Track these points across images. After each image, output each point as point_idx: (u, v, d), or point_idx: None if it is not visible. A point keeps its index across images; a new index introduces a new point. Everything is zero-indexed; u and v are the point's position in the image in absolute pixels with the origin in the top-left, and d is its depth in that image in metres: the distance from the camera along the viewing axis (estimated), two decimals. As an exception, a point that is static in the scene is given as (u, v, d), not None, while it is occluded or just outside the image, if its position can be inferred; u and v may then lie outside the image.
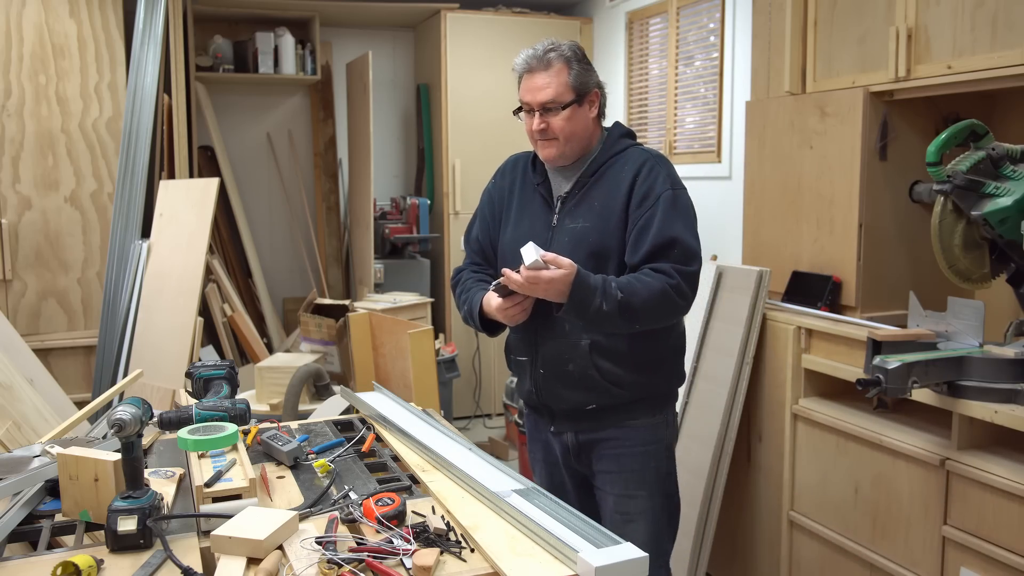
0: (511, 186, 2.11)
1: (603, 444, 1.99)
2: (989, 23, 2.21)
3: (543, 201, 2.02)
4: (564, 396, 1.98)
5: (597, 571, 1.18)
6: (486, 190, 2.18)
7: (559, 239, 1.95)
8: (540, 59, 1.94)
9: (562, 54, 1.94)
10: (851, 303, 2.61)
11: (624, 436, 1.98)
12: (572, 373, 1.94)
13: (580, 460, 2.04)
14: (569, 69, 1.93)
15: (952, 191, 2.03)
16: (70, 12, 3.91)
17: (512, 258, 1.98)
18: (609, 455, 1.99)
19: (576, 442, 2.02)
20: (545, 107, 1.93)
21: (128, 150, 3.80)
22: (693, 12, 4.22)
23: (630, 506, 1.98)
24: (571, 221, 1.95)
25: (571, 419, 2.01)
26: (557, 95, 1.92)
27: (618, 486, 1.99)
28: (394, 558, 1.25)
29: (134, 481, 1.38)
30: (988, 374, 1.97)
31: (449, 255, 5.01)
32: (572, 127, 1.94)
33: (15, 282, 3.92)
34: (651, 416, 2.00)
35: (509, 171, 2.15)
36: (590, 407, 1.97)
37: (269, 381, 3.26)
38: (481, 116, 4.97)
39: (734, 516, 2.91)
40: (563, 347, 1.94)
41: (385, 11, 4.92)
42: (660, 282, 1.82)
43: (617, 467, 1.99)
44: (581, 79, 1.94)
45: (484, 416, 5.10)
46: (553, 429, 2.05)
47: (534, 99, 1.95)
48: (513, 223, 2.05)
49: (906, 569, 2.23)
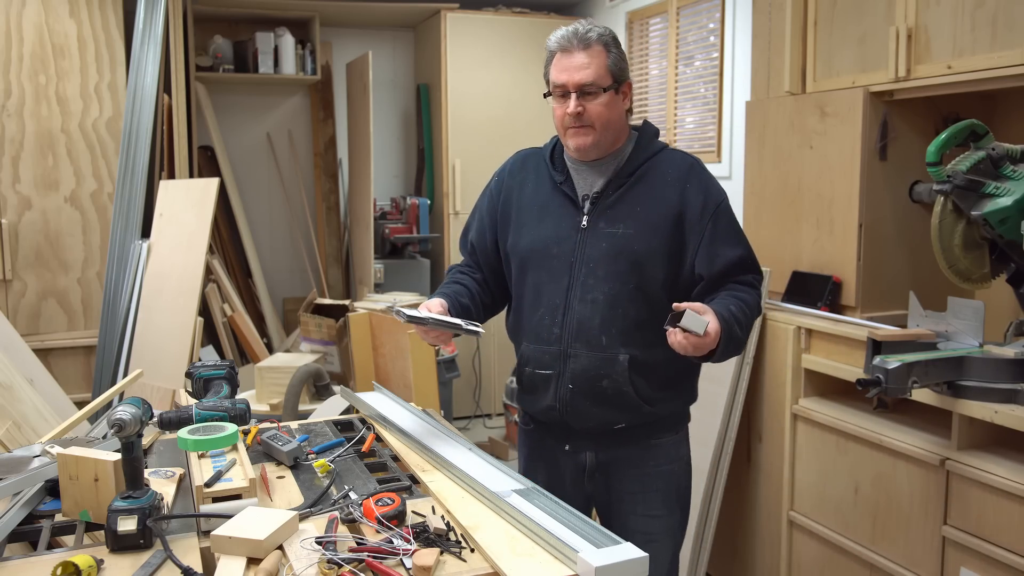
0: (521, 186, 1.94)
1: (625, 463, 1.88)
2: (989, 23, 2.21)
3: (567, 200, 1.86)
4: (592, 414, 1.83)
5: (597, 571, 1.18)
6: (487, 190, 2.02)
7: (594, 243, 1.81)
8: (581, 38, 1.77)
9: (602, 36, 1.78)
10: (851, 303, 2.61)
11: (648, 456, 1.88)
12: (606, 390, 1.80)
13: (595, 481, 1.91)
14: (608, 52, 1.78)
15: (952, 191, 2.03)
16: (70, 12, 3.91)
17: (530, 262, 1.87)
18: (632, 475, 1.88)
19: (595, 462, 1.89)
20: (583, 89, 1.76)
21: (128, 150, 3.81)
22: (693, 12, 4.22)
23: (652, 526, 1.89)
24: (608, 225, 1.80)
25: (592, 438, 1.88)
26: (597, 77, 1.76)
27: (640, 506, 1.89)
28: (394, 558, 1.25)
29: (134, 481, 1.38)
30: (988, 374, 1.96)
31: (449, 255, 5.01)
32: (609, 114, 1.79)
33: (15, 282, 3.92)
34: (674, 433, 1.92)
35: (518, 170, 1.97)
36: (619, 426, 1.84)
37: (269, 381, 3.26)
38: (481, 116, 4.97)
39: (734, 516, 2.91)
40: (598, 362, 1.79)
41: (385, 11, 4.92)
42: (754, 297, 1.79)
43: (641, 487, 1.88)
44: (619, 65, 1.80)
45: (484, 416, 5.10)
46: (568, 448, 1.91)
47: (571, 79, 1.76)
48: (533, 225, 1.89)
49: (906, 569, 2.23)
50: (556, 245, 1.84)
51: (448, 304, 1.86)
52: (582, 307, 1.81)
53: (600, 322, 1.79)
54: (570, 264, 1.82)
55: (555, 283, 1.84)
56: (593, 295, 1.80)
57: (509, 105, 5.01)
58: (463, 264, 2.08)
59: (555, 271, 1.84)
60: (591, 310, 1.80)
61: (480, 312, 1.97)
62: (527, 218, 1.91)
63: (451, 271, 2.06)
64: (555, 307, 1.83)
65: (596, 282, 1.80)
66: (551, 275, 1.85)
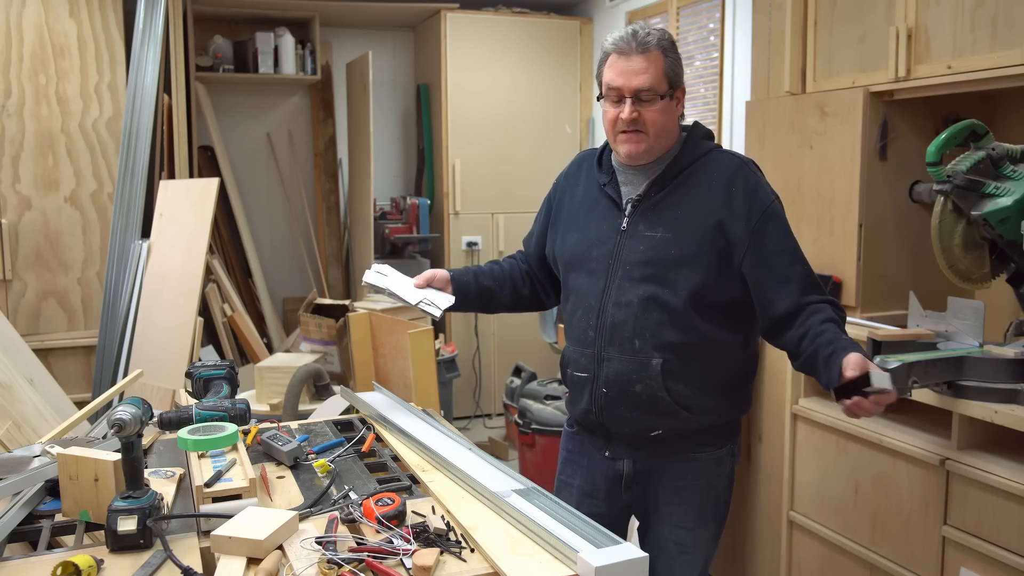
0: (573, 188, 1.94)
1: (664, 475, 1.85)
2: (989, 23, 2.21)
3: (610, 203, 1.84)
4: (628, 419, 1.80)
5: (597, 571, 1.18)
6: (549, 192, 2.04)
7: (632, 246, 1.78)
8: (640, 41, 1.71)
9: (661, 40, 1.73)
10: (851, 303, 2.61)
11: (688, 469, 1.84)
12: (640, 395, 1.77)
13: (632, 489, 1.89)
14: (666, 57, 1.73)
15: (952, 191, 2.03)
16: (70, 12, 3.91)
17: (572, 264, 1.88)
18: (670, 486, 1.85)
19: (633, 470, 1.86)
20: (639, 95, 1.71)
21: (128, 150, 3.81)
22: (693, 12, 4.22)
23: (686, 538, 1.86)
24: (648, 228, 1.77)
25: (631, 444, 1.85)
26: (655, 82, 1.71)
27: (675, 517, 1.86)
28: (394, 558, 1.25)
29: (134, 481, 1.38)
30: (988, 374, 1.96)
31: (449, 255, 5.01)
32: (664, 122, 1.74)
33: (15, 282, 3.92)
34: (717, 448, 1.85)
35: (573, 172, 1.98)
36: (655, 432, 1.80)
37: (269, 381, 3.26)
38: (481, 116, 4.97)
39: (734, 516, 2.91)
40: (631, 366, 1.77)
41: (385, 11, 4.92)
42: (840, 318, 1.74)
43: (678, 499, 1.85)
44: (675, 70, 1.75)
45: (484, 416, 5.10)
46: (608, 454, 1.88)
47: (628, 84, 1.71)
48: (578, 227, 1.88)
49: (906, 569, 2.23)
50: (597, 247, 1.84)
51: (456, 276, 1.94)
52: (616, 310, 1.79)
53: (633, 325, 1.77)
54: (608, 266, 1.81)
55: (593, 285, 1.83)
56: (627, 298, 1.78)
57: (509, 105, 5.01)
58: (519, 252, 2.12)
59: (594, 273, 1.83)
60: (625, 313, 1.78)
61: (507, 297, 2.03)
62: (573, 220, 1.91)
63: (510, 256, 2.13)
64: (591, 309, 1.82)
65: (631, 285, 1.78)
66: (590, 277, 1.84)
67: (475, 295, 1.99)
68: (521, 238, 2.16)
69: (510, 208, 5.06)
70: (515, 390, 3.99)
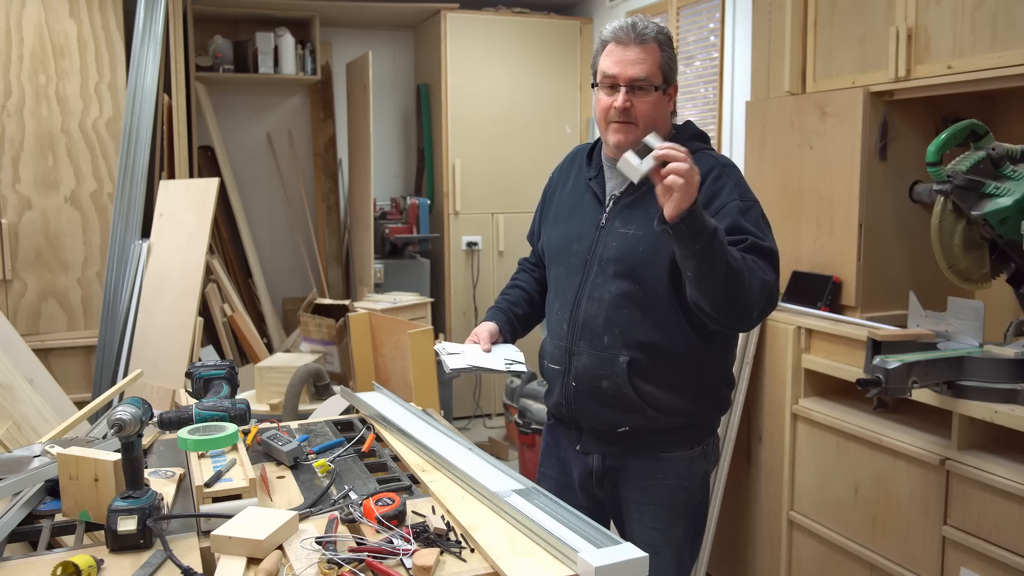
0: (564, 181, 1.96)
1: (632, 472, 1.85)
2: (989, 23, 2.21)
3: (594, 198, 1.86)
4: (595, 413, 1.82)
5: (597, 571, 1.18)
6: (545, 185, 2.06)
7: (606, 242, 1.80)
8: (638, 32, 1.73)
9: (659, 34, 1.75)
10: (851, 303, 2.61)
11: (656, 468, 1.83)
12: (606, 390, 1.79)
13: (602, 486, 1.89)
14: (662, 51, 1.74)
15: (952, 191, 2.03)
16: (70, 12, 3.91)
17: (554, 257, 1.91)
18: (638, 485, 1.85)
19: (602, 466, 1.87)
20: (634, 85, 1.72)
21: (128, 150, 3.81)
22: (693, 12, 4.22)
23: (656, 538, 1.84)
24: (623, 225, 1.79)
25: (600, 440, 1.85)
26: (650, 74, 1.72)
27: (645, 516, 1.85)
28: (394, 558, 1.25)
29: (134, 481, 1.38)
30: (988, 374, 1.96)
31: (449, 255, 5.01)
32: (655, 114, 1.75)
33: (15, 282, 3.92)
34: (687, 448, 1.84)
35: (567, 166, 2.01)
36: (622, 429, 1.81)
37: (269, 381, 3.26)
38: (481, 116, 4.97)
39: (734, 516, 2.91)
40: (599, 361, 1.79)
41: (385, 11, 4.92)
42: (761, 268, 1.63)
43: (647, 499, 1.85)
44: (671, 65, 1.77)
45: (484, 416, 5.10)
46: (579, 448, 1.89)
47: (623, 72, 1.72)
48: (563, 221, 1.90)
49: (906, 569, 2.23)
50: (576, 242, 1.86)
51: (501, 322, 1.95)
52: (589, 305, 1.82)
53: (604, 321, 1.79)
54: (585, 262, 1.84)
55: (570, 279, 1.86)
56: (600, 293, 1.80)
57: (509, 105, 5.01)
58: (528, 260, 2.15)
59: (572, 267, 1.86)
60: (597, 309, 1.80)
61: (539, 311, 2.06)
62: (560, 214, 1.94)
63: (519, 265, 2.15)
64: (566, 303, 1.85)
65: (605, 281, 1.80)
66: (568, 271, 1.87)
67: (520, 329, 2.04)
68: (521, 238, 2.17)
69: (510, 208, 5.06)
70: (515, 390, 3.99)
